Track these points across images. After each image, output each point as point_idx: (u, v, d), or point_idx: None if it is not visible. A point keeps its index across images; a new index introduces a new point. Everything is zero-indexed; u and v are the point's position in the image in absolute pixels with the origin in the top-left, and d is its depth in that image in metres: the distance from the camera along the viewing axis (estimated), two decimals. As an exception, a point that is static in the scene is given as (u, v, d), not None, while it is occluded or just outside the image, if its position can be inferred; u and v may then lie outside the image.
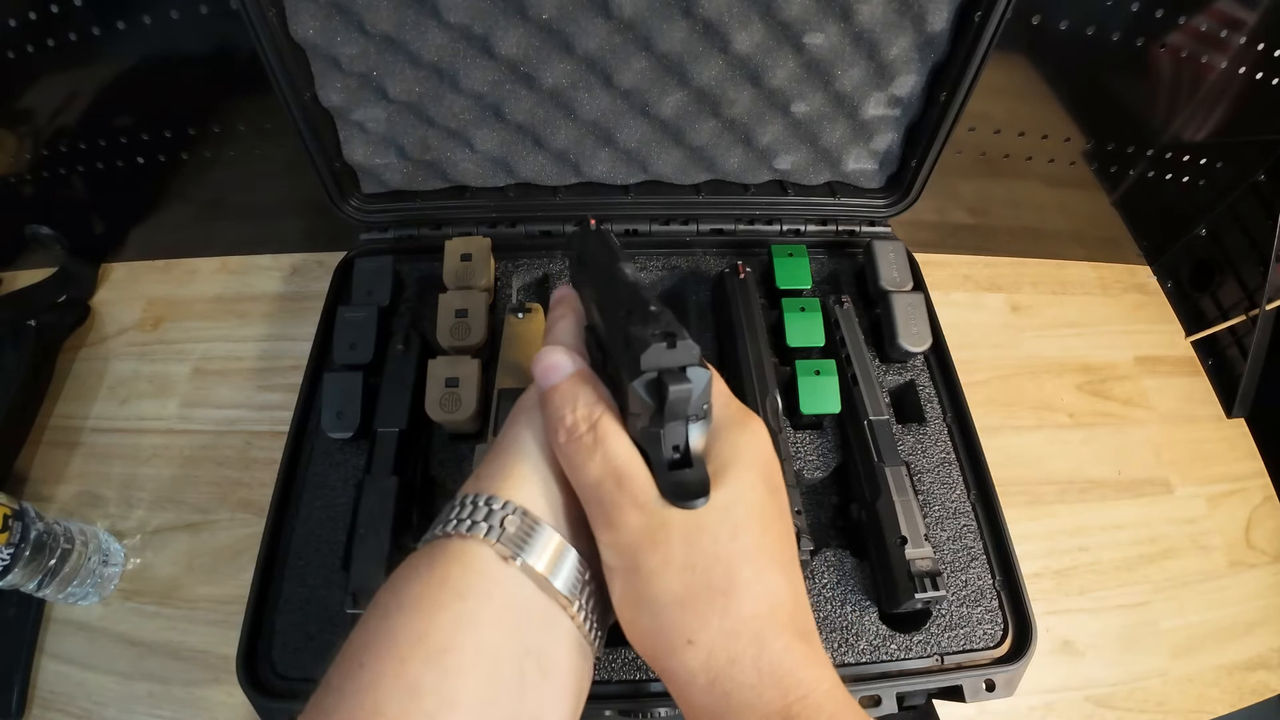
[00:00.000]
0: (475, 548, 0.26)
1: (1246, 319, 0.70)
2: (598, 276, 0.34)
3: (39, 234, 0.70)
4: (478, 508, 0.27)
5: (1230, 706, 0.57)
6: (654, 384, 0.27)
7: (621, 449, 0.27)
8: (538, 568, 0.26)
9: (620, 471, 0.27)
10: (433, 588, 0.26)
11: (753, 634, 0.25)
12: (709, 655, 0.25)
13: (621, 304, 0.30)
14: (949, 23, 0.50)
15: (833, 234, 0.62)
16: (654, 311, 0.28)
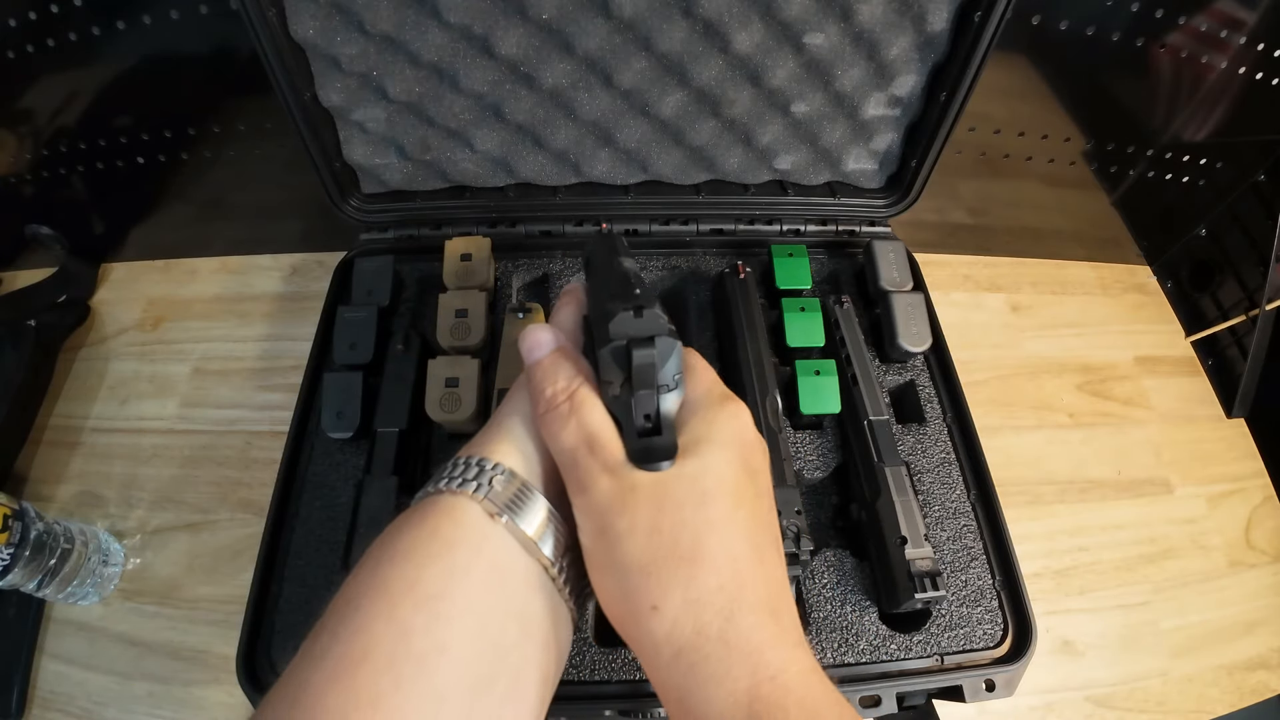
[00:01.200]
0: (465, 503, 0.27)
1: (1246, 319, 0.70)
2: (598, 269, 0.35)
3: (39, 234, 0.70)
4: (469, 467, 0.28)
5: (1230, 706, 0.57)
6: (621, 351, 0.28)
7: (595, 417, 0.28)
8: (524, 528, 0.27)
9: (592, 437, 0.28)
10: (423, 539, 0.26)
11: (719, 606, 0.25)
12: (673, 624, 0.25)
13: (609, 288, 0.32)
14: (949, 23, 0.50)
15: (833, 234, 0.62)
16: (636, 293, 0.30)
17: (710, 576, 0.25)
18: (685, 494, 0.27)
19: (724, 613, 0.25)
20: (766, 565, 0.27)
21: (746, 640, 0.25)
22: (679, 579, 0.25)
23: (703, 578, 0.25)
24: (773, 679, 0.24)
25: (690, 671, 0.25)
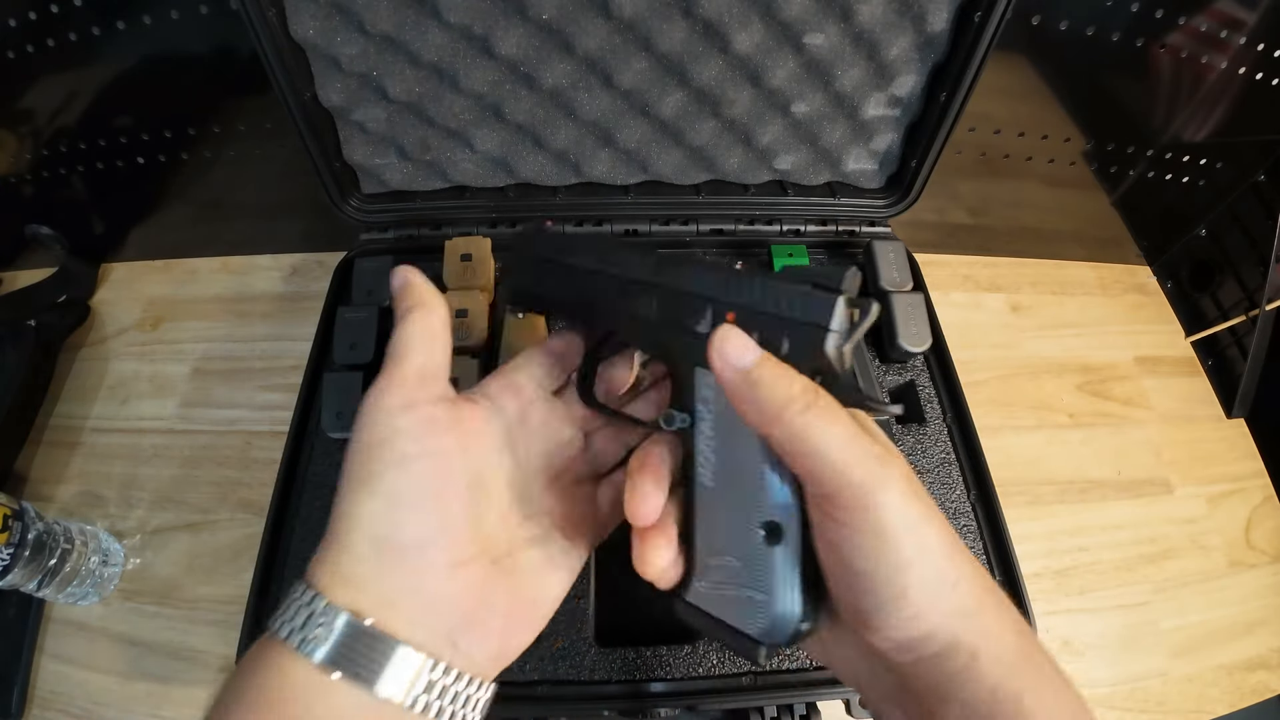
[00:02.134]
0: (292, 662, 0.25)
1: (1246, 319, 0.70)
2: (609, 275, 0.35)
3: (39, 234, 0.70)
4: (297, 610, 0.25)
5: (1230, 706, 0.57)
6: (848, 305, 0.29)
7: (838, 401, 0.28)
8: (372, 685, 0.25)
9: (856, 419, 0.28)
10: (250, 697, 0.25)
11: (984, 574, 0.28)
12: (969, 593, 0.27)
13: (696, 282, 0.33)
14: (949, 23, 0.50)
15: (833, 234, 0.62)
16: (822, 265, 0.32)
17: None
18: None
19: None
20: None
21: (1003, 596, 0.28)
22: (966, 551, 0.27)
23: (959, 544, 0.27)
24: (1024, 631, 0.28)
25: (999, 612, 0.27)
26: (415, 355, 0.30)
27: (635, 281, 0.34)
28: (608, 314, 0.36)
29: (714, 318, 0.32)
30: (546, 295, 0.38)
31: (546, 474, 0.34)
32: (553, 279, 0.37)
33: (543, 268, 0.37)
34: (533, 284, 0.38)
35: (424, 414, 0.29)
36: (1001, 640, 0.27)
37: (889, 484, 0.26)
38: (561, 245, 0.37)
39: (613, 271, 0.35)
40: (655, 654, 0.44)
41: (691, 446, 0.32)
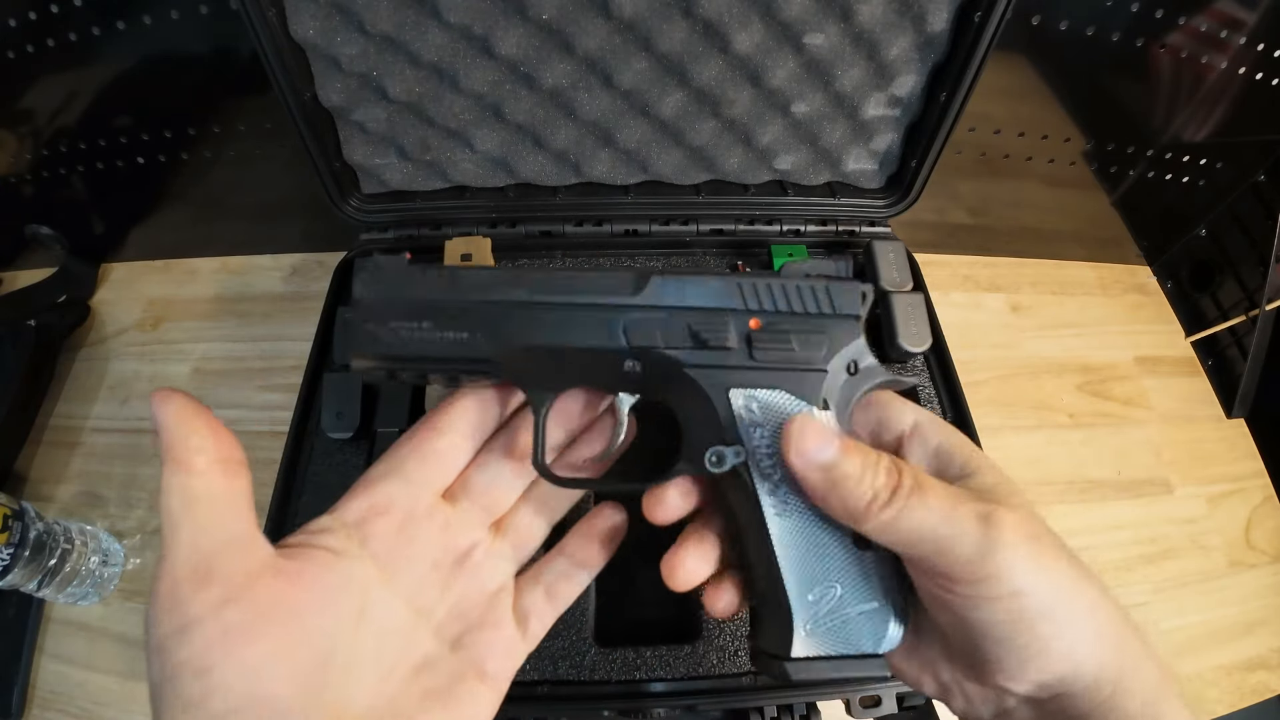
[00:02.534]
0: None
1: (1246, 319, 0.70)
2: (569, 308, 0.30)
3: (39, 234, 0.70)
4: None
5: (1230, 706, 0.57)
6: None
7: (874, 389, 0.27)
8: None
9: (949, 490, 0.25)
10: None
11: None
12: (1113, 619, 0.26)
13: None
14: (949, 23, 0.50)
15: (833, 234, 0.62)
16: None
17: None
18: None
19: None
20: None
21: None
22: (1090, 576, 0.26)
23: (1082, 567, 0.26)
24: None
25: (1134, 632, 0.26)
26: (179, 545, 0.21)
27: (612, 307, 0.30)
28: (570, 361, 0.30)
29: (738, 328, 0.29)
30: (433, 354, 0.29)
31: (443, 602, 0.27)
32: (440, 329, 0.29)
33: (412, 312, 0.29)
34: (398, 342, 0.29)
35: (213, 628, 0.20)
36: (1141, 672, 0.25)
37: (1001, 544, 0.24)
38: (433, 282, 0.30)
39: (581, 301, 0.30)
40: (655, 654, 0.44)
41: (749, 483, 0.28)
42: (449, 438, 0.28)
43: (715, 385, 0.29)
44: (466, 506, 0.28)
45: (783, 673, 0.27)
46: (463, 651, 0.27)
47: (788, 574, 0.28)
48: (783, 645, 0.27)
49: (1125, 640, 0.26)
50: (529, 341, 0.29)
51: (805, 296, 0.30)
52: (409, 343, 0.29)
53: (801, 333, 0.29)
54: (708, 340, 0.29)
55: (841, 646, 0.27)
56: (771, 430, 0.28)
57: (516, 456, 0.29)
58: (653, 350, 0.30)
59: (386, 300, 0.29)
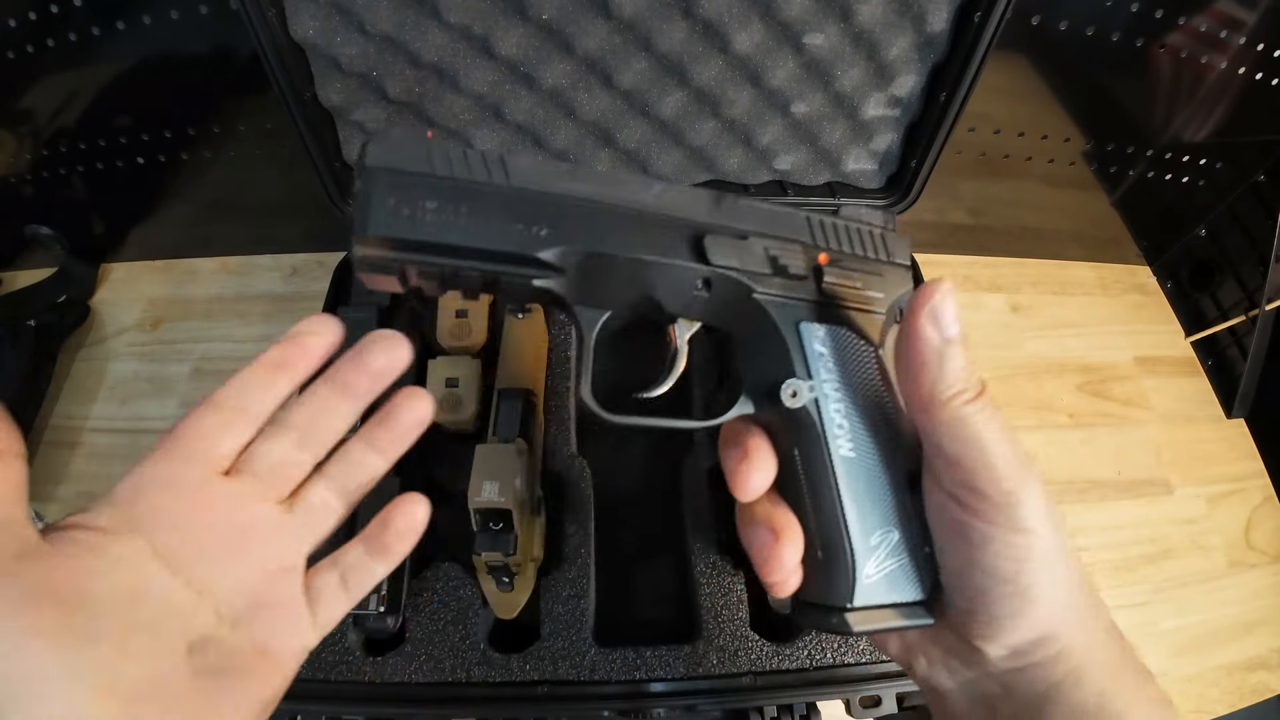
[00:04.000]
0: None
1: (1246, 319, 0.70)
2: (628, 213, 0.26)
3: (39, 234, 0.70)
4: None
5: (1230, 706, 0.57)
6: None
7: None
8: None
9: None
10: None
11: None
12: (1087, 592, 0.28)
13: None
14: (949, 23, 0.50)
15: (833, 234, 0.62)
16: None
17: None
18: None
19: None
20: None
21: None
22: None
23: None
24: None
25: (1104, 611, 0.28)
26: None
27: (690, 223, 0.27)
28: (635, 275, 0.27)
29: (809, 260, 0.28)
30: (475, 245, 0.25)
31: (224, 579, 0.26)
32: (486, 216, 0.25)
33: (450, 193, 0.25)
34: (429, 226, 0.24)
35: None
36: (1107, 644, 0.27)
37: (1034, 485, 0.25)
38: (478, 165, 0.26)
39: (658, 211, 0.27)
40: (655, 654, 0.44)
41: (817, 421, 0.27)
42: (224, 413, 0.27)
43: (785, 317, 0.28)
44: (250, 482, 0.27)
45: (843, 624, 0.26)
46: (242, 629, 0.26)
47: (851, 517, 0.27)
48: (844, 594, 0.26)
49: (1097, 617, 0.28)
50: (594, 247, 0.26)
51: (866, 240, 0.30)
52: (444, 229, 0.25)
53: (865, 273, 0.29)
54: (786, 267, 0.28)
55: (896, 593, 0.27)
56: (840, 368, 0.27)
57: (300, 430, 0.28)
58: (729, 272, 0.28)
59: (411, 174, 0.25)
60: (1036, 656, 0.26)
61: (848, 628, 0.26)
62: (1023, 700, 0.27)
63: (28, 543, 0.23)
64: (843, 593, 0.26)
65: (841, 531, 0.26)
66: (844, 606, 0.26)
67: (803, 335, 0.27)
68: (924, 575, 0.27)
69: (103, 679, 0.22)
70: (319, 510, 0.28)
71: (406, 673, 0.44)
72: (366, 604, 0.43)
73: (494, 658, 0.44)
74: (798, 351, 0.27)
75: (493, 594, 0.45)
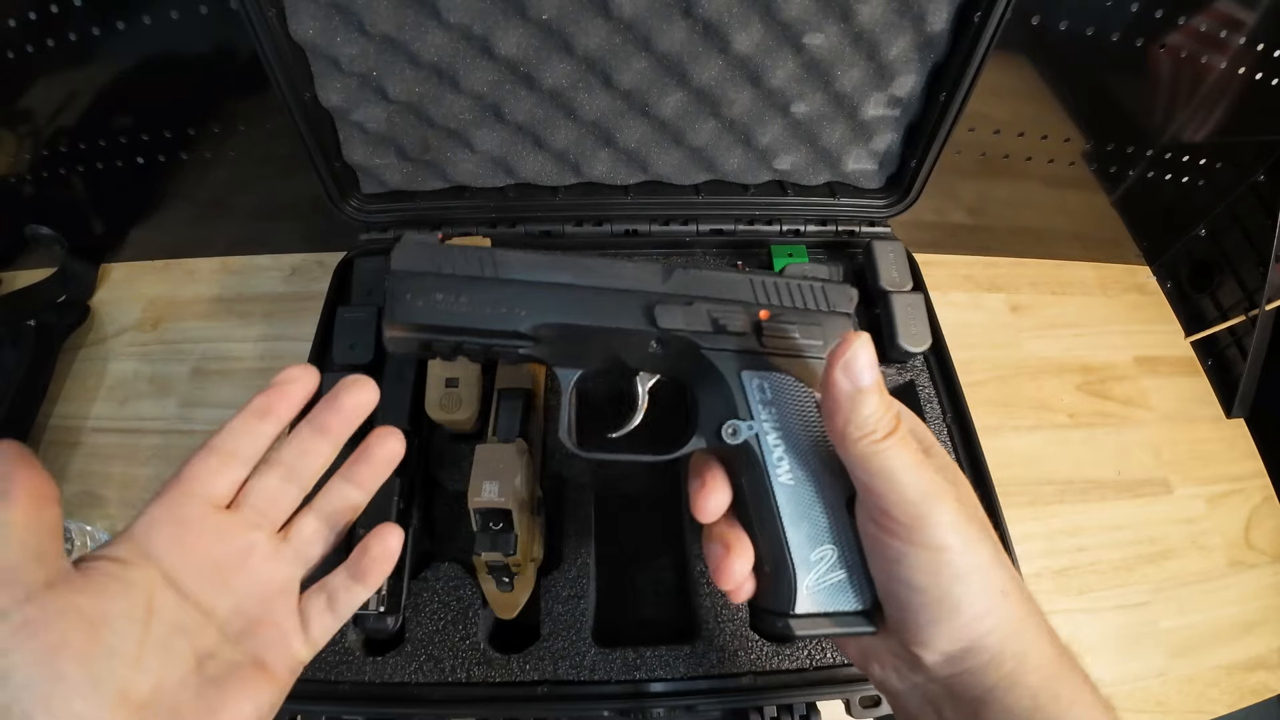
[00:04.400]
0: None
1: (1246, 319, 0.70)
2: (597, 291, 0.33)
3: (39, 234, 0.70)
4: None
5: (1230, 706, 0.57)
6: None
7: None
8: None
9: (921, 438, 0.31)
10: None
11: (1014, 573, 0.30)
12: (1020, 596, 0.30)
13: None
14: (949, 23, 0.50)
15: (832, 234, 0.62)
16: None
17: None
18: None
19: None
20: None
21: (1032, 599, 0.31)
22: (1007, 565, 0.30)
23: (1004, 557, 0.30)
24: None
25: (1039, 619, 0.30)
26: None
27: (643, 294, 0.33)
28: (600, 340, 0.33)
29: (749, 318, 0.33)
30: (473, 326, 0.32)
31: (225, 600, 0.30)
32: (480, 304, 0.32)
33: (453, 286, 0.32)
34: (439, 313, 0.32)
35: (15, 619, 0.24)
36: (1040, 650, 0.29)
37: (943, 503, 0.28)
38: (474, 261, 0.32)
39: (616, 286, 0.33)
40: (655, 654, 0.44)
41: (758, 455, 0.32)
42: (219, 457, 0.31)
43: (730, 367, 0.32)
44: (247, 514, 0.31)
45: (786, 628, 0.31)
46: (242, 644, 0.30)
47: (791, 536, 0.31)
48: (787, 602, 0.31)
49: (1028, 625, 0.30)
50: (566, 320, 0.32)
51: (805, 294, 0.34)
52: (449, 314, 0.32)
53: (803, 324, 0.33)
54: (725, 326, 0.33)
55: (838, 603, 0.31)
56: (780, 409, 0.32)
57: (287, 466, 0.32)
58: (678, 333, 0.33)
59: (424, 274, 0.32)
60: (970, 663, 0.29)
61: (790, 632, 0.31)
62: (963, 703, 0.29)
63: (59, 572, 0.26)
64: (785, 601, 0.31)
65: (783, 548, 0.31)
66: (787, 613, 0.31)
67: (744, 382, 0.32)
68: (864, 588, 0.31)
69: (119, 688, 0.25)
70: (310, 539, 0.32)
71: (406, 673, 0.44)
72: (367, 604, 0.43)
73: (494, 658, 0.44)
74: (740, 396, 0.32)
75: (493, 594, 0.45)
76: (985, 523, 0.30)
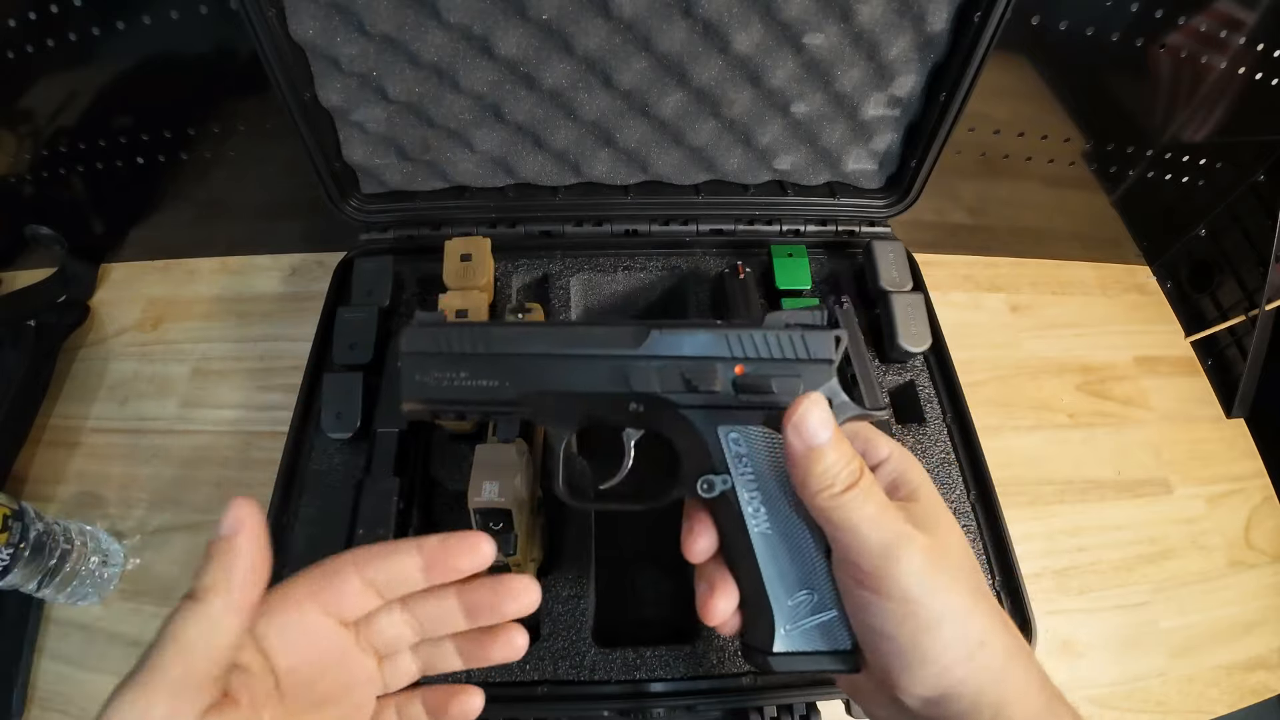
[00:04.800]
0: None
1: (1246, 319, 0.70)
2: (578, 358, 0.35)
3: (39, 234, 0.70)
4: None
5: (1230, 706, 0.57)
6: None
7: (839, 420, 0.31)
8: None
9: (887, 501, 0.30)
10: None
11: (1002, 628, 0.30)
12: (1004, 650, 0.29)
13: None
14: (949, 23, 0.50)
15: (832, 234, 0.62)
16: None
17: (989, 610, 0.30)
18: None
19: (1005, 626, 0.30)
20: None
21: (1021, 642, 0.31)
22: (993, 610, 0.30)
23: (985, 604, 0.30)
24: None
25: (1027, 668, 0.30)
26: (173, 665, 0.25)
27: (616, 358, 0.35)
28: (582, 403, 0.35)
29: (724, 374, 0.34)
30: (469, 399, 0.35)
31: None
32: (474, 377, 0.35)
33: (449, 363, 0.35)
34: (440, 389, 0.35)
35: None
36: (1024, 700, 0.29)
37: (909, 554, 0.28)
38: (466, 337, 0.35)
39: (590, 353, 0.35)
40: (655, 654, 0.44)
41: (735, 506, 0.33)
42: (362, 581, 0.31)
43: (706, 423, 0.33)
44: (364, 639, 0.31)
45: (766, 665, 0.32)
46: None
47: (769, 582, 0.32)
48: (766, 642, 0.32)
49: (1010, 674, 0.29)
50: (547, 388, 0.35)
51: (784, 344, 0.34)
52: (449, 389, 0.35)
53: (780, 376, 0.33)
54: (698, 385, 0.34)
55: (816, 644, 0.32)
56: (755, 462, 0.33)
57: (417, 621, 0.31)
58: (651, 394, 0.34)
59: (428, 354, 0.35)
60: (949, 709, 0.29)
61: (770, 668, 0.32)
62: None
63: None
64: (765, 640, 0.32)
65: (762, 592, 0.32)
66: (767, 650, 0.32)
67: (721, 436, 0.33)
68: (844, 631, 0.32)
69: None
70: (402, 672, 0.32)
71: (406, 673, 0.44)
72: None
73: (494, 658, 0.44)
74: (716, 450, 0.33)
75: (493, 594, 0.45)
76: (964, 569, 0.30)
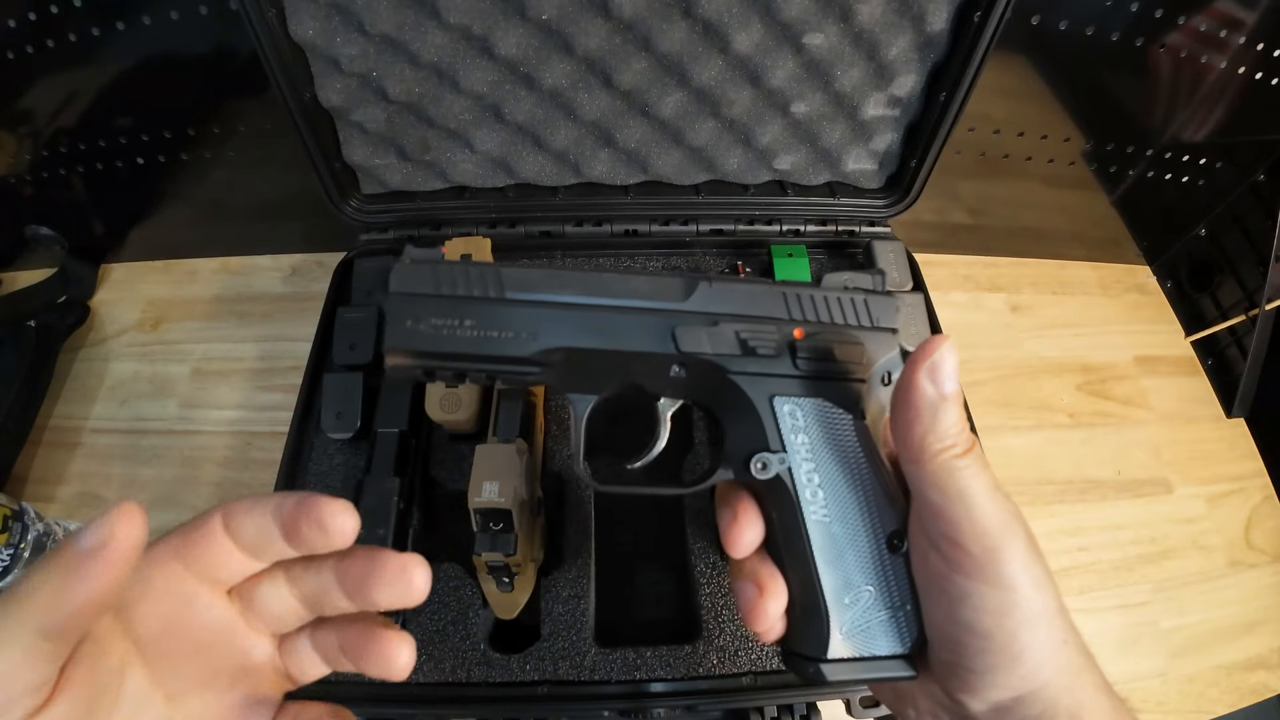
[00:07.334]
0: None
1: (1246, 319, 0.70)
2: (611, 310, 0.29)
3: (39, 234, 0.70)
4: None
5: (1230, 706, 0.57)
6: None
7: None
8: None
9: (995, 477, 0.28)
10: None
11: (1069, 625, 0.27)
12: (1078, 650, 0.27)
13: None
14: (948, 23, 0.50)
15: (832, 234, 0.62)
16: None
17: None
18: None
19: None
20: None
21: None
22: (1066, 611, 0.27)
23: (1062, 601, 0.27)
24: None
25: (1096, 672, 0.27)
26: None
27: (661, 312, 0.29)
28: (615, 364, 0.30)
29: (782, 337, 0.29)
30: (475, 352, 0.29)
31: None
32: (483, 327, 0.28)
33: (453, 309, 0.29)
34: (439, 340, 0.28)
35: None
36: (1098, 708, 0.27)
37: (1017, 539, 0.26)
38: (476, 279, 0.29)
39: (630, 305, 0.29)
40: (655, 654, 0.44)
41: (790, 489, 0.29)
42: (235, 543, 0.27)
43: (759, 392, 0.29)
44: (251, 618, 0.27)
45: (818, 674, 0.28)
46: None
47: (825, 578, 0.28)
48: (819, 647, 0.28)
49: (1085, 677, 0.27)
50: (575, 344, 0.29)
51: (846, 308, 0.30)
52: (449, 340, 0.28)
53: (842, 343, 0.30)
54: (755, 348, 0.29)
55: (873, 647, 0.28)
56: (812, 438, 0.29)
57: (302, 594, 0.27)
58: (700, 356, 0.29)
59: (424, 296, 0.29)
60: (1019, 715, 0.26)
61: (822, 678, 0.28)
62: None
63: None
64: (818, 646, 0.28)
65: (816, 590, 0.28)
66: (819, 658, 0.28)
67: (776, 409, 0.29)
68: (904, 630, 0.28)
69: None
70: (306, 662, 0.28)
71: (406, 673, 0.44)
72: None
73: (494, 658, 0.44)
74: (771, 425, 0.29)
75: (493, 594, 0.45)
76: (1048, 567, 0.28)
